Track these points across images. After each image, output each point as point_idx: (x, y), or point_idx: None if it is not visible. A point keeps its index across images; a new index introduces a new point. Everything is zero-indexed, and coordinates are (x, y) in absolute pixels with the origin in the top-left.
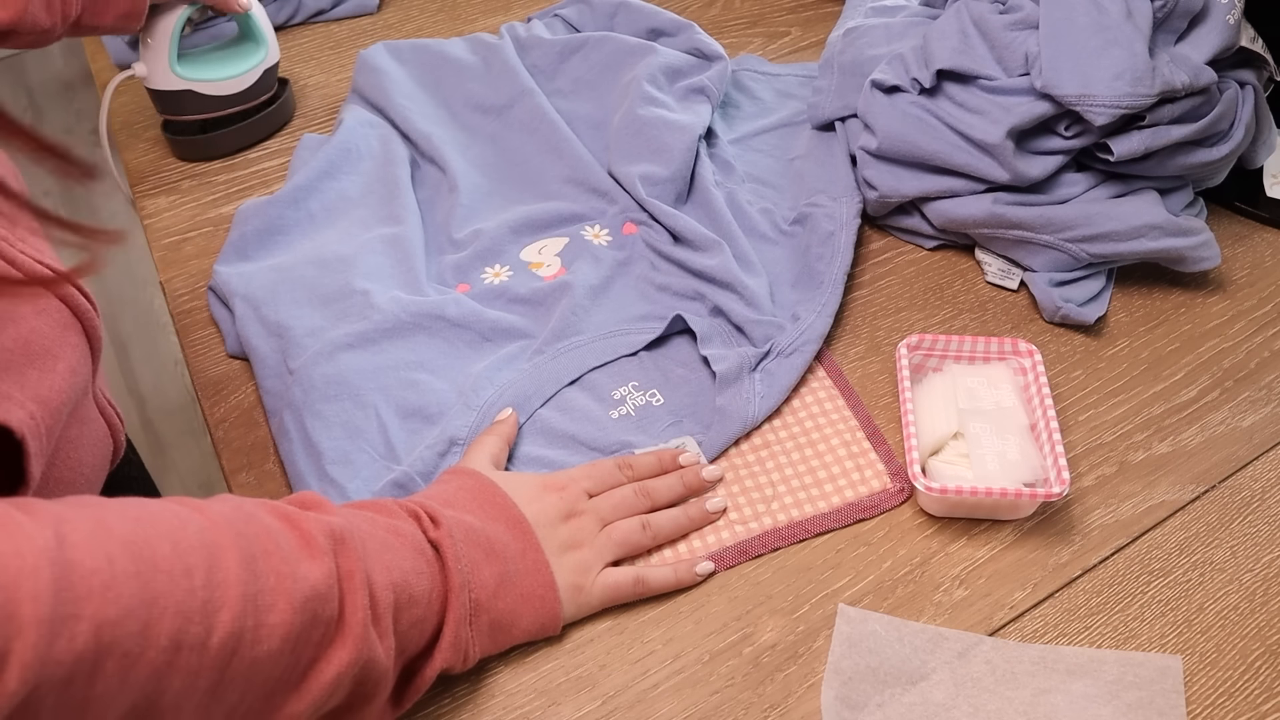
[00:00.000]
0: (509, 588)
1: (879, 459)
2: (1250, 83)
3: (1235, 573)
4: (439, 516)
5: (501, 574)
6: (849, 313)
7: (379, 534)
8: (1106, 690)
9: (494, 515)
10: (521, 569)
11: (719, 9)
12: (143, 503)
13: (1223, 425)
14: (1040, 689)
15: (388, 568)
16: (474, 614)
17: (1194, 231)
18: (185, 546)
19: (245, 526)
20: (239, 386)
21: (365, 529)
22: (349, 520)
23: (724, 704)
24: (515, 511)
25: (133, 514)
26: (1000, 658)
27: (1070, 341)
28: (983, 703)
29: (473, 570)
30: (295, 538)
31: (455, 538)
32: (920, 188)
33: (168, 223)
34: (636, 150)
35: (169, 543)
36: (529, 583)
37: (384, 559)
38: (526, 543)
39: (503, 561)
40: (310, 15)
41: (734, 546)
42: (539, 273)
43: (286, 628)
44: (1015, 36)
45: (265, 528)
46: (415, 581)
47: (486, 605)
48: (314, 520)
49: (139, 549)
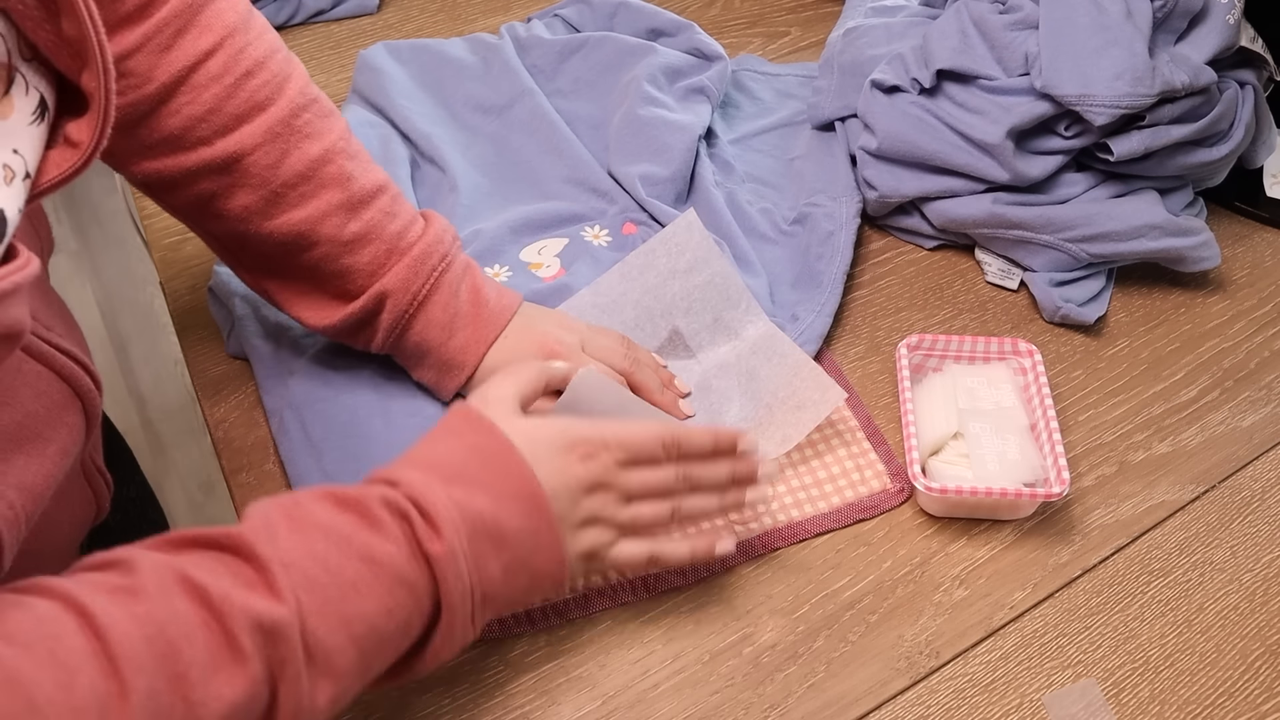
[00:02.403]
0: (517, 574)
1: (879, 459)
2: (1250, 83)
3: (1235, 573)
4: (439, 522)
5: (510, 561)
6: (849, 313)
7: (347, 570)
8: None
9: (507, 490)
10: (533, 548)
11: (719, 9)
12: (32, 632)
13: (1223, 425)
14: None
15: (348, 620)
16: (481, 605)
17: (1194, 231)
18: (77, 693)
19: (152, 640)
20: (239, 386)
21: (322, 570)
22: (295, 570)
23: (724, 704)
24: (532, 484)
25: (22, 641)
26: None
27: (1070, 341)
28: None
29: (478, 569)
30: (215, 642)
31: (456, 549)
32: (920, 188)
33: (168, 223)
34: (636, 150)
35: (52, 687)
36: (539, 561)
37: (345, 610)
38: (541, 521)
39: (513, 549)
40: (310, 15)
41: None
42: (538, 273)
43: None
44: (1015, 36)
45: (176, 637)
46: (385, 623)
47: (492, 595)
48: (242, 615)
49: (17, 691)
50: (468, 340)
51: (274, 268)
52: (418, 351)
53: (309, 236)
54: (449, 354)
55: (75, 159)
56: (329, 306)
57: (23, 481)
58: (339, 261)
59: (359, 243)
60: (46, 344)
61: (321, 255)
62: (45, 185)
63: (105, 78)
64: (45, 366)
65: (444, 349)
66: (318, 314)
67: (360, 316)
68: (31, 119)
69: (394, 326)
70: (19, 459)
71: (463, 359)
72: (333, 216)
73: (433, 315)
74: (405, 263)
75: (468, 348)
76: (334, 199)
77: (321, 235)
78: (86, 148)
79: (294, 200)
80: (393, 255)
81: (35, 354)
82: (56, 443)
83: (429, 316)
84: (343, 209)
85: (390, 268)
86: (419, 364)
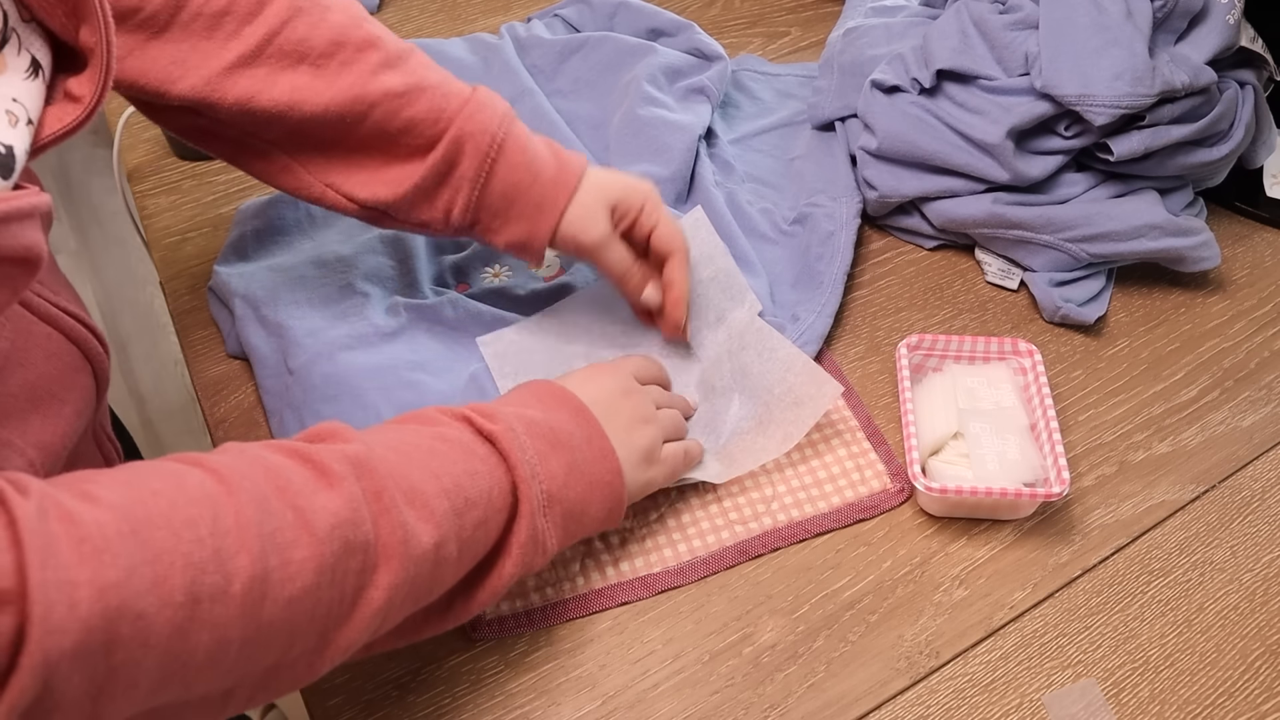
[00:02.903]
0: (577, 476)
1: (879, 459)
2: (1250, 83)
3: (1235, 573)
4: (494, 413)
5: (569, 463)
6: (849, 313)
7: (422, 442)
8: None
9: (555, 405)
10: (588, 456)
11: (719, 9)
12: (134, 466)
13: (1223, 425)
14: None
15: (436, 474)
16: (547, 505)
17: (1194, 231)
18: (184, 499)
19: (250, 469)
20: (239, 386)
21: (399, 443)
22: (372, 441)
23: (724, 704)
24: (574, 400)
25: (123, 478)
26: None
27: (1070, 341)
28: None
29: (540, 462)
30: (308, 470)
31: (517, 431)
32: (920, 188)
33: (168, 223)
34: (637, 150)
35: (165, 499)
36: (597, 469)
37: (430, 466)
38: (591, 429)
39: (569, 450)
40: None
41: (734, 546)
42: (538, 273)
43: (317, 560)
44: (1015, 36)
45: (273, 466)
46: (470, 484)
47: (559, 496)
48: (327, 450)
49: (131, 510)
50: (556, 176)
51: (339, 150)
52: (505, 199)
53: (363, 99)
54: (539, 194)
55: (78, 112)
56: (406, 168)
57: (41, 440)
58: (400, 116)
59: (413, 93)
60: (55, 307)
61: (381, 115)
62: (49, 138)
63: (106, 31)
64: (54, 328)
65: (533, 189)
66: (396, 183)
67: (441, 168)
68: (25, 76)
69: (479, 174)
70: (36, 418)
71: (554, 195)
72: (380, 74)
73: (514, 158)
74: (470, 109)
75: (558, 182)
76: (374, 58)
77: (374, 94)
78: (89, 100)
79: (336, 69)
80: (449, 100)
81: (43, 315)
82: (71, 404)
83: (511, 159)
84: (385, 66)
85: (456, 114)
86: (507, 215)
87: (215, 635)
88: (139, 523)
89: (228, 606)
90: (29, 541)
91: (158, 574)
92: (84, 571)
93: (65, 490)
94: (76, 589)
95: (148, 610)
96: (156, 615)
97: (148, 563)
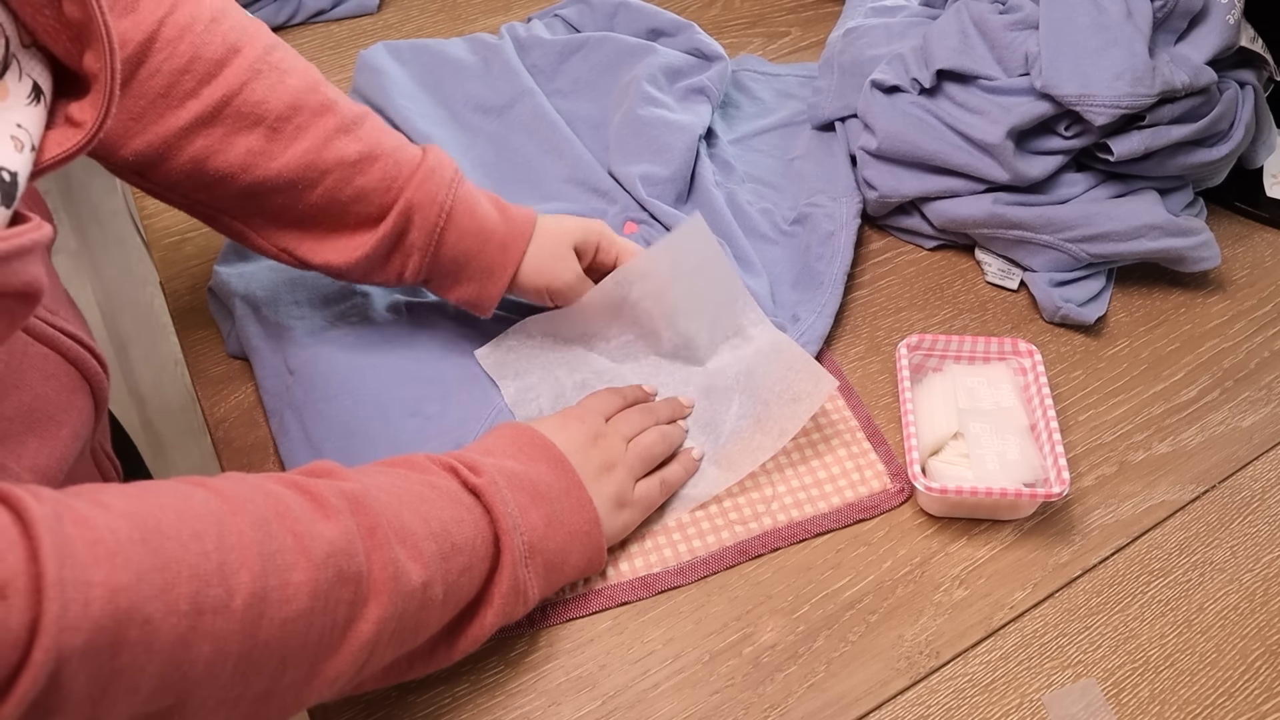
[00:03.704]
0: (557, 527)
1: (879, 459)
2: (1250, 83)
3: (1235, 573)
4: (479, 466)
5: (549, 514)
6: (849, 313)
7: (412, 487)
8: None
9: (534, 457)
10: (567, 507)
11: (719, 9)
12: (140, 484)
13: (1223, 425)
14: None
15: (425, 519)
16: (529, 556)
17: (1194, 231)
18: (191, 515)
19: (252, 494)
20: (239, 386)
21: (391, 485)
22: (368, 481)
23: (724, 704)
24: (554, 450)
25: (133, 491)
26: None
27: (1070, 341)
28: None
29: (521, 514)
30: (306, 501)
31: (499, 484)
32: (920, 188)
33: (168, 223)
34: (637, 150)
35: (173, 512)
36: (575, 520)
37: (420, 510)
38: (569, 480)
39: (548, 502)
40: (310, 15)
41: (734, 546)
42: None
43: (312, 585)
44: (1015, 36)
45: (273, 493)
46: (456, 530)
47: (539, 546)
48: (325, 485)
49: (142, 519)
50: (505, 239)
51: (289, 215)
52: (455, 264)
53: (316, 165)
54: (488, 258)
55: (79, 137)
56: (356, 238)
57: (36, 464)
58: (352, 184)
59: (366, 160)
60: (52, 327)
61: (334, 183)
62: (49, 162)
63: (111, 57)
64: (51, 349)
65: (483, 254)
66: (347, 251)
67: (391, 239)
68: (27, 101)
69: (428, 243)
70: (32, 441)
71: (504, 259)
72: (334, 140)
73: (463, 224)
74: (420, 177)
75: (508, 245)
76: (329, 124)
77: (328, 161)
78: (91, 126)
79: (291, 133)
80: (401, 168)
81: (40, 337)
82: (68, 426)
83: (460, 226)
84: (340, 132)
85: (406, 183)
86: (458, 279)
87: (215, 648)
88: (149, 531)
89: (229, 621)
90: (45, 540)
91: (166, 581)
92: (98, 572)
93: (78, 498)
94: (91, 588)
95: (154, 615)
96: (162, 621)
97: (157, 570)
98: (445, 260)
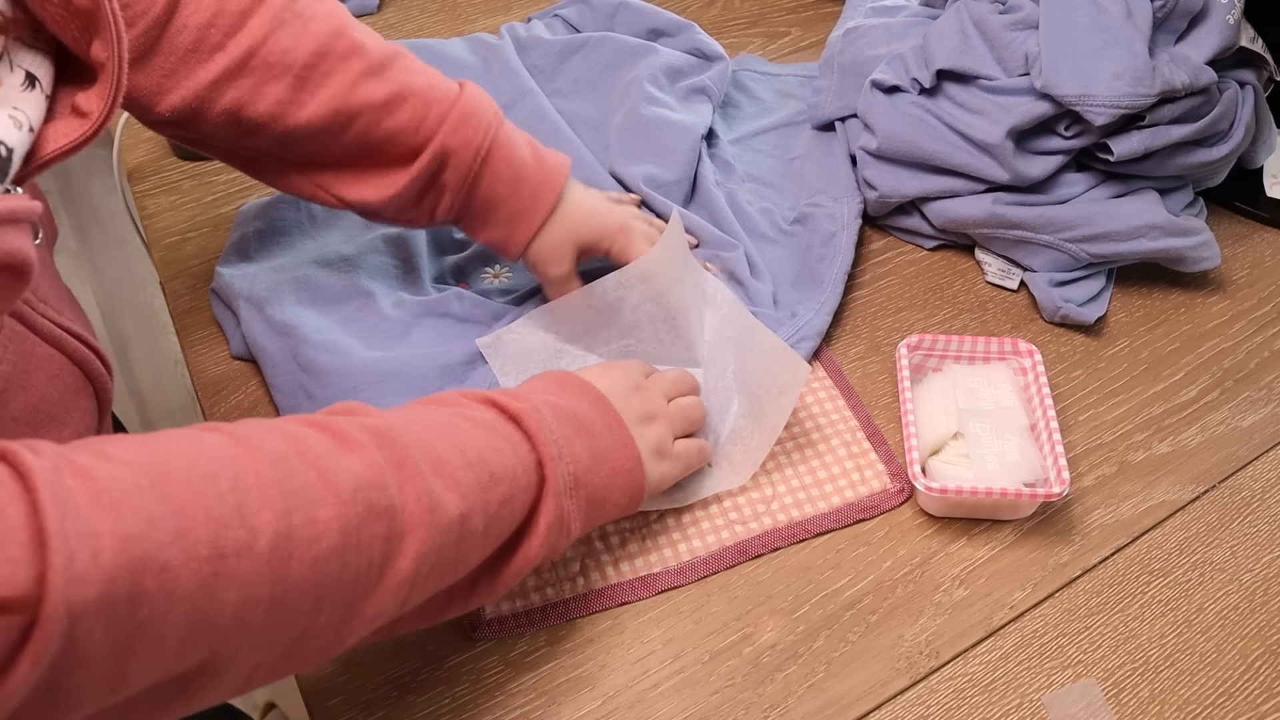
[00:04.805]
0: (601, 462)
1: (879, 459)
2: (1250, 83)
3: (1235, 573)
4: (520, 395)
5: (593, 448)
6: (849, 313)
7: (444, 419)
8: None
9: (576, 393)
10: (610, 444)
11: (719, 9)
12: (151, 433)
13: (1223, 425)
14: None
15: (460, 448)
16: (574, 487)
17: (1194, 231)
18: (203, 457)
19: (268, 434)
20: (239, 386)
21: (421, 419)
22: (394, 417)
23: (724, 704)
24: (594, 389)
25: (138, 440)
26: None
27: (1070, 341)
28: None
29: (566, 444)
30: (327, 437)
31: (543, 412)
32: (920, 188)
33: (168, 223)
34: (639, 151)
35: (183, 457)
36: (619, 457)
37: (454, 441)
38: (611, 418)
39: (592, 436)
40: None
41: (734, 546)
42: None
43: (341, 521)
44: (1015, 36)
45: (291, 433)
46: (495, 460)
47: (584, 480)
48: (347, 421)
49: (149, 466)
50: (538, 187)
51: (328, 157)
52: (487, 206)
53: (344, 110)
54: (519, 204)
55: (85, 127)
56: (389, 177)
57: None
58: (382, 126)
59: (394, 101)
60: (58, 327)
61: (364, 125)
62: (56, 152)
63: (119, 46)
64: (57, 350)
65: (514, 199)
66: (381, 188)
67: (424, 179)
68: (21, 89)
69: (461, 184)
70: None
71: (534, 206)
72: (361, 84)
73: (498, 168)
74: (455, 117)
75: (538, 193)
76: (356, 68)
77: (355, 105)
78: (97, 116)
79: (319, 79)
80: (431, 108)
81: (46, 336)
82: (71, 426)
83: (495, 170)
84: (367, 75)
85: (438, 124)
86: (486, 221)
87: (242, 594)
88: (157, 478)
89: (254, 564)
90: (45, 494)
91: (180, 526)
92: (104, 522)
93: (80, 451)
94: (98, 539)
95: (172, 563)
96: (181, 568)
97: (169, 515)
98: (478, 202)
